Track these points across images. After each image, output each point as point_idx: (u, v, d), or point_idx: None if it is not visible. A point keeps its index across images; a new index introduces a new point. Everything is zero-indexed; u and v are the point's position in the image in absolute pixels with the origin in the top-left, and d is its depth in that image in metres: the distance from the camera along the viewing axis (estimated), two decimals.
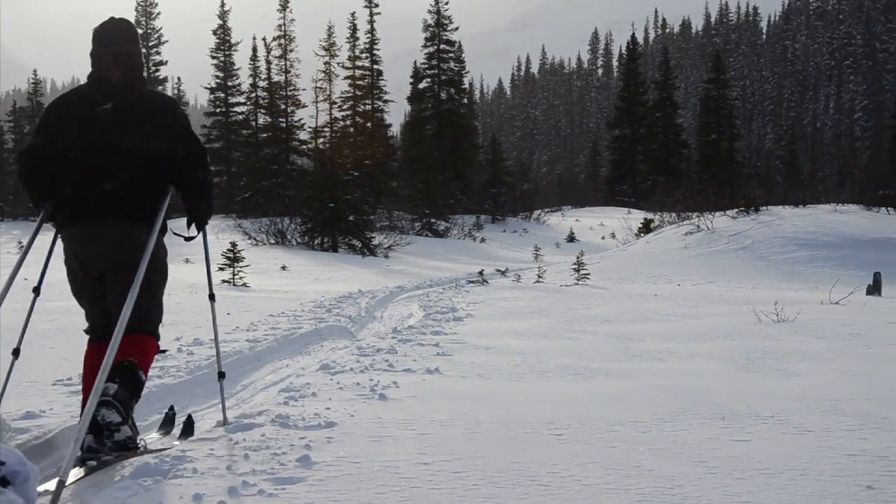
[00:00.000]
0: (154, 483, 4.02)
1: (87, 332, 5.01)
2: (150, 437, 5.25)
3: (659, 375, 7.02)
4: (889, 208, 28.10)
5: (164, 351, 5.30)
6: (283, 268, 22.78)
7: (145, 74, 5.28)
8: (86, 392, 4.59)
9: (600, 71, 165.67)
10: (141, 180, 4.76)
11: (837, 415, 5.37)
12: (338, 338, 10.45)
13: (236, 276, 17.98)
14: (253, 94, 62.38)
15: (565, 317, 12.16)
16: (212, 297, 5.72)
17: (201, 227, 5.23)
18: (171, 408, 5.77)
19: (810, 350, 8.38)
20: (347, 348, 9.13)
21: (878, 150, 78.69)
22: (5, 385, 5.06)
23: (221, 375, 5.61)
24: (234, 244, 18.80)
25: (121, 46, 4.86)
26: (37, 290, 5.24)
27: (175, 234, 5.29)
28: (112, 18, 5.02)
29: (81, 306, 5.03)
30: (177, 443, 5.00)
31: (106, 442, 4.52)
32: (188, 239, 5.28)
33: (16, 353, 5.23)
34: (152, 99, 4.96)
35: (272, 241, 33.21)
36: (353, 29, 64.24)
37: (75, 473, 4.20)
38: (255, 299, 14.55)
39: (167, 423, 5.60)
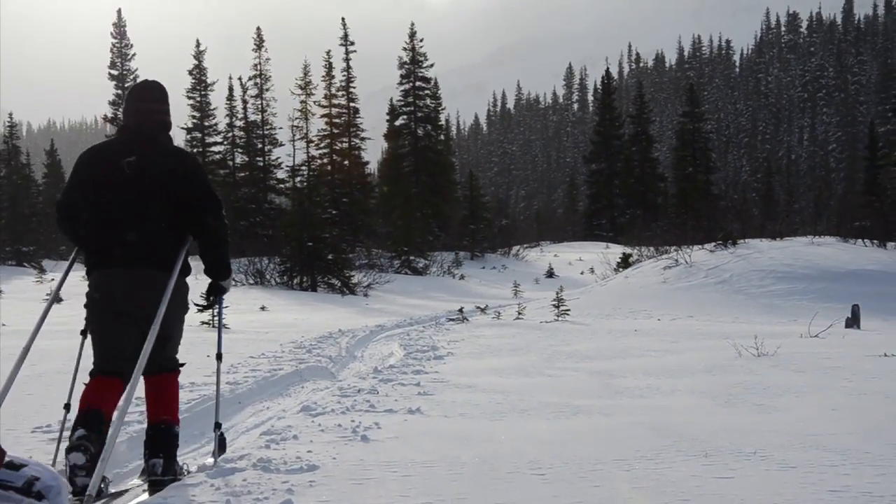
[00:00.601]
0: None
1: (94, 366, 5.06)
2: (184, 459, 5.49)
3: (641, 412, 7.02)
4: (865, 240, 28.28)
5: (183, 364, 5.47)
6: (263, 308, 22.70)
7: (121, 115, 5.54)
8: (83, 403, 4.78)
9: (576, 106, 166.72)
10: (161, 230, 5.08)
11: (820, 450, 5.38)
12: (319, 379, 10.41)
13: (215, 318, 17.89)
14: (230, 134, 62.44)
15: (546, 354, 12.17)
16: (219, 356, 5.86)
17: (219, 292, 5.54)
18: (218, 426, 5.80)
19: (791, 384, 8.40)
20: (328, 389, 9.09)
21: (852, 182, 79.38)
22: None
23: (217, 426, 5.70)
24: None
25: (150, 104, 5.25)
26: (84, 333, 5.29)
27: (195, 304, 5.66)
28: (146, 80, 5.41)
29: (95, 343, 5.12)
30: (210, 460, 5.48)
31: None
32: (204, 307, 5.72)
33: (67, 407, 5.39)
34: (175, 153, 5.27)
35: (251, 282, 33.10)
36: (329, 67, 64.50)
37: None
38: (235, 341, 14.47)
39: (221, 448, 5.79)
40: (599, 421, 6.68)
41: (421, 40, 68.27)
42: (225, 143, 63.19)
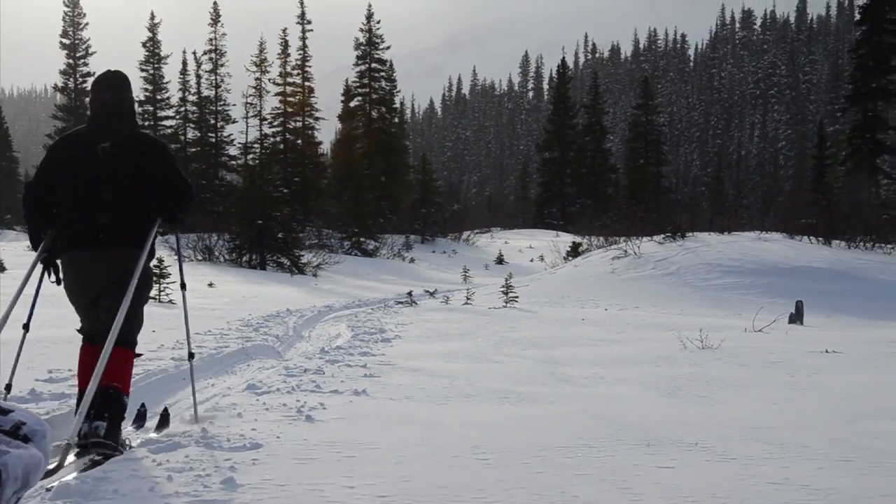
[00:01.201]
0: None
1: (80, 332, 5.54)
2: (126, 431, 5.55)
3: (585, 400, 7.07)
4: (811, 237, 28.63)
5: (140, 355, 5.74)
6: (210, 285, 22.49)
7: (72, 84, 5.58)
8: (81, 384, 5.24)
9: (531, 94, 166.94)
10: (134, 211, 5.41)
11: (759, 443, 5.45)
12: (265, 357, 10.34)
13: (162, 293, 17.68)
14: (182, 109, 61.77)
15: (493, 339, 12.20)
16: (183, 286, 6.37)
17: (175, 220, 5.76)
18: (143, 405, 6.22)
19: (733, 377, 8.49)
20: (274, 368, 9.05)
21: (800, 179, 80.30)
22: None
23: (191, 356, 6.38)
24: (160, 259, 18.50)
25: (117, 92, 5.56)
26: (26, 327, 5.71)
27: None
28: (108, 70, 5.73)
29: (77, 313, 5.55)
30: (154, 435, 5.60)
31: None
32: (161, 232, 6.09)
33: (8, 387, 5.61)
34: (144, 139, 5.64)
35: (199, 258, 32.80)
36: (285, 45, 64.01)
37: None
38: (181, 317, 14.32)
39: (139, 419, 6.08)
40: (544, 408, 6.72)
41: (378, 22, 68.07)
42: (177, 117, 62.55)
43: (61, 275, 5.51)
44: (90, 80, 61.44)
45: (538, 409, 6.69)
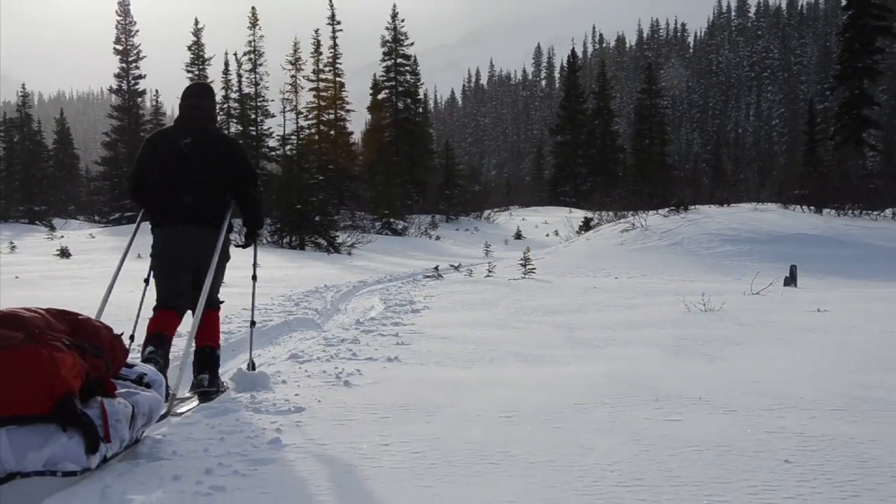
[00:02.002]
0: (135, 465, 3.99)
1: (157, 302, 6.07)
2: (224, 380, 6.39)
3: (599, 361, 7.06)
4: (804, 207, 28.45)
5: (222, 302, 6.72)
6: (255, 264, 22.45)
7: (125, 87, 5.82)
8: (151, 329, 5.83)
9: (543, 82, 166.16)
10: (211, 195, 6.15)
11: (758, 395, 5.44)
12: (305, 329, 10.37)
13: None
14: (225, 105, 61.66)
15: (513, 308, 12.19)
16: (254, 277, 7.32)
17: (252, 238, 6.81)
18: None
19: (734, 336, 8.46)
20: (314, 339, 9.08)
21: (793, 154, 79.67)
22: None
23: (252, 324, 7.11)
24: None
25: (199, 100, 6.36)
26: (146, 281, 6.36)
27: (235, 245, 6.91)
28: (196, 82, 6.92)
29: (158, 284, 6.13)
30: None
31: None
32: (243, 247, 6.87)
33: (131, 338, 6.21)
34: (221, 137, 6.39)
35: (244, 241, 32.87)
36: (318, 45, 64.03)
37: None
38: (230, 294, 14.36)
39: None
40: (562, 369, 6.72)
41: (402, 20, 67.92)
42: (221, 113, 62.52)
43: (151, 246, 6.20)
44: (142, 82, 62.26)
45: (556, 370, 6.70)
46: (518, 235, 45.70)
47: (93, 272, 18.73)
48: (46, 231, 41.99)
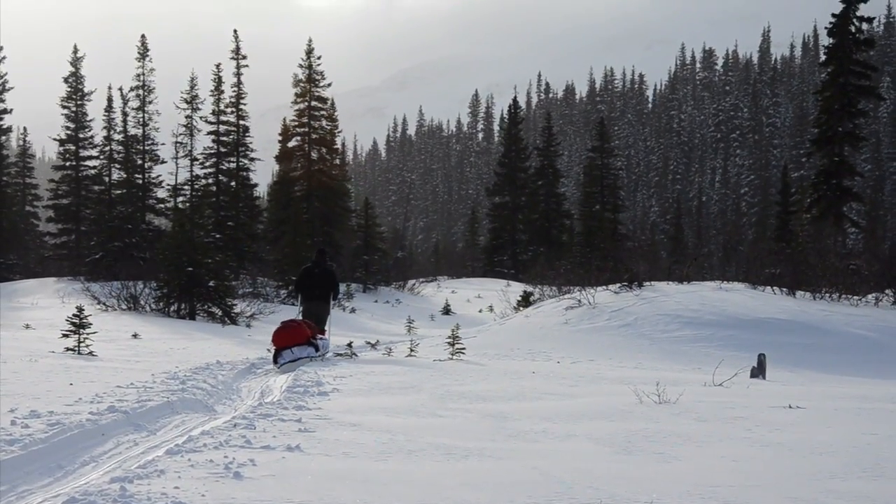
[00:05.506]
0: None
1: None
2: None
3: (535, 456, 7.06)
4: (775, 288, 28.94)
5: (323, 331, 19.49)
6: (135, 335, 22.18)
7: None
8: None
9: (481, 135, 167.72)
10: (327, 289, 20.09)
11: (719, 502, 5.47)
12: (192, 412, 10.21)
13: (82, 344, 17.43)
14: (107, 148, 60.64)
15: (438, 393, 12.17)
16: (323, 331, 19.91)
17: (334, 300, 20.95)
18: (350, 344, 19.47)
19: (692, 433, 8.54)
20: (202, 422, 8.95)
21: (763, 227, 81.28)
22: None
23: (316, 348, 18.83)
24: (80, 309, 18.14)
25: (319, 257, 20.37)
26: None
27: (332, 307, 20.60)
28: (320, 246, 24.38)
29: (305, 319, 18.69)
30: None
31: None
32: (334, 306, 17.59)
33: None
34: (330, 268, 20.25)
35: (123, 307, 32.32)
36: (219, 81, 63.07)
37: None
38: (102, 369, 14.11)
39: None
40: (491, 465, 6.71)
41: (319, 57, 67.78)
42: (101, 157, 61.34)
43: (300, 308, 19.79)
44: (7, 118, 61.07)
45: (484, 465, 6.68)
46: (446, 310, 45.78)
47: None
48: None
